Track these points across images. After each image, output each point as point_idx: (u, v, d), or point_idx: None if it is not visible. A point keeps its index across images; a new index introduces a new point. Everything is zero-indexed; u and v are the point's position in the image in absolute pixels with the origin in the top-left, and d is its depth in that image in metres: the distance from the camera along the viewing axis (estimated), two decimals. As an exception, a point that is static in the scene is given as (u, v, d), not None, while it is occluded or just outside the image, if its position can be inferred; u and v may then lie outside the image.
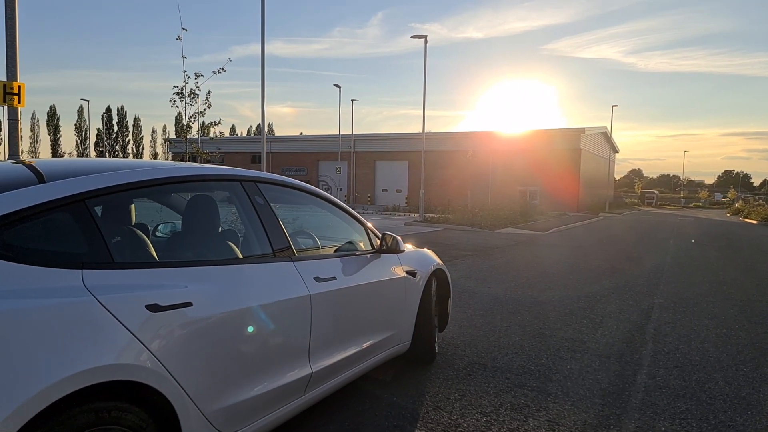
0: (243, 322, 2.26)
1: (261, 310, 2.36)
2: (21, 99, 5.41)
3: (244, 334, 2.26)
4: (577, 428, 3.00)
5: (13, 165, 2.35)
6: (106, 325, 1.72)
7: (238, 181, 2.64)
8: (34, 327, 1.55)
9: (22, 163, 2.41)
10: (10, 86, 5.31)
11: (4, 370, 1.44)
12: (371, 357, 3.28)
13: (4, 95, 5.34)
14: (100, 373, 1.64)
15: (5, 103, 5.40)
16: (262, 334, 2.37)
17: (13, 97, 5.32)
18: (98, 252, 1.86)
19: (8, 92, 5.31)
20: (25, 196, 1.77)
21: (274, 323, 2.44)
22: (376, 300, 3.33)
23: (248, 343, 2.29)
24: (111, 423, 1.69)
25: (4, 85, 5.32)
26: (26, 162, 2.45)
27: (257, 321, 2.34)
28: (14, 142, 5.53)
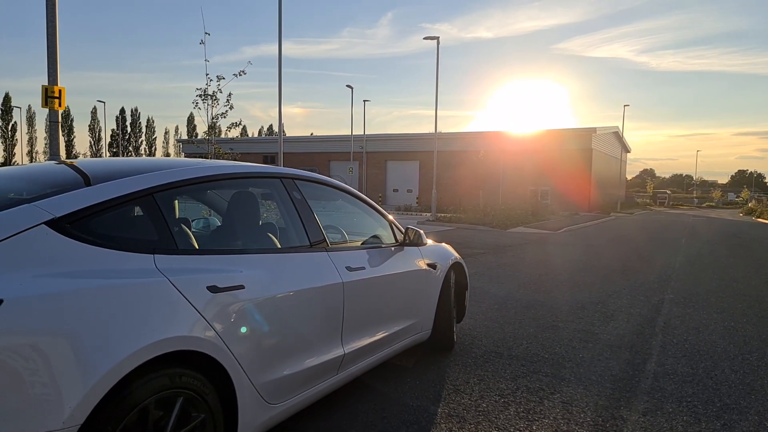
0: (286, 304, 2.51)
1: (301, 294, 2.60)
2: (62, 102, 5.73)
3: (287, 316, 2.51)
4: (589, 409, 3.21)
5: (69, 165, 2.61)
6: (177, 302, 1.97)
7: (279, 178, 2.90)
8: (123, 300, 1.80)
9: (66, 163, 2.66)
10: (52, 90, 5.63)
11: (103, 335, 1.70)
12: (395, 342, 3.52)
13: (45, 98, 5.66)
14: (174, 342, 1.89)
15: (47, 106, 5.73)
16: (302, 317, 2.62)
17: (54, 100, 5.64)
18: (165, 239, 2.12)
19: (50, 96, 5.63)
20: (105, 190, 2.03)
21: (312, 307, 2.69)
22: (400, 289, 3.56)
23: (290, 324, 2.54)
24: (181, 387, 1.94)
25: (46, 89, 5.64)
26: (70, 162, 2.69)
27: (298, 304, 2.59)
28: (55, 143, 5.85)
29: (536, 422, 3.02)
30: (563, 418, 3.09)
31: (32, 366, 1.55)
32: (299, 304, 2.59)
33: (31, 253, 1.71)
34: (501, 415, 3.11)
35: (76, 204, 1.90)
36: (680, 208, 52.20)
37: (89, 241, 1.86)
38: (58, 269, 1.73)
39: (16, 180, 2.41)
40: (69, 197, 1.92)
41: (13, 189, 2.22)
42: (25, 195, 2.08)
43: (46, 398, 1.56)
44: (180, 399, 1.94)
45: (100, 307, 1.74)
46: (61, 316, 1.64)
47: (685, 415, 3.16)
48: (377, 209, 3.69)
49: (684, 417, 3.14)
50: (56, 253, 1.77)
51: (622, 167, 48.64)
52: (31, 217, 1.77)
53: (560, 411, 3.18)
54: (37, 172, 2.55)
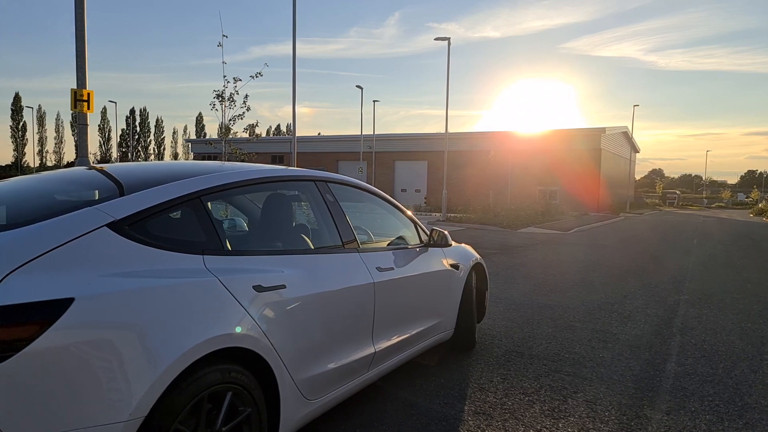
0: (323, 303, 2.59)
1: (337, 294, 2.69)
2: (90, 105, 5.85)
3: (323, 315, 2.59)
4: (613, 408, 3.27)
5: (107, 169, 2.70)
6: (227, 301, 2.06)
7: (313, 181, 2.98)
8: (180, 299, 1.89)
9: (97, 168, 2.75)
10: (81, 93, 5.75)
11: (164, 332, 1.79)
12: (421, 342, 3.59)
13: (75, 102, 5.79)
14: (226, 339, 1.98)
15: (76, 109, 5.85)
16: (338, 316, 2.70)
17: (83, 103, 5.76)
18: (212, 240, 2.21)
19: (79, 99, 5.76)
20: (157, 194, 2.12)
21: (346, 306, 2.77)
22: (425, 289, 3.64)
23: (327, 323, 2.62)
24: (230, 382, 2.03)
25: (75, 92, 5.76)
26: (100, 168, 2.78)
27: (334, 303, 2.67)
28: (84, 145, 5.97)
29: (562, 420, 3.09)
30: (588, 416, 3.15)
31: (101, 360, 1.65)
32: (335, 304, 2.67)
33: (95, 253, 1.80)
34: (527, 413, 3.18)
35: (133, 207, 1.99)
36: (690, 209, 51.91)
37: (145, 242, 1.95)
38: (119, 269, 1.82)
39: (67, 184, 2.51)
40: (127, 200, 2.01)
41: (68, 192, 2.32)
42: (81, 198, 2.18)
43: (113, 391, 1.65)
44: (229, 393, 2.03)
45: (160, 305, 1.83)
46: (125, 313, 1.73)
47: (707, 414, 3.21)
48: (402, 210, 3.77)
49: (707, 416, 3.19)
50: (116, 253, 1.86)
51: (631, 167, 48.43)
52: (94, 220, 1.86)
53: (585, 409, 3.24)
54: (83, 176, 2.65)
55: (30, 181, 2.63)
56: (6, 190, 2.46)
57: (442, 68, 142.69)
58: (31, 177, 2.77)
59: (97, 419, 1.61)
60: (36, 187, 2.49)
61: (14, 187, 2.54)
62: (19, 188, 2.50)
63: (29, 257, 1.64)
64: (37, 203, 2.24)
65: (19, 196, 2.34)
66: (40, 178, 2.69)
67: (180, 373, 1.80)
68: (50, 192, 2.41)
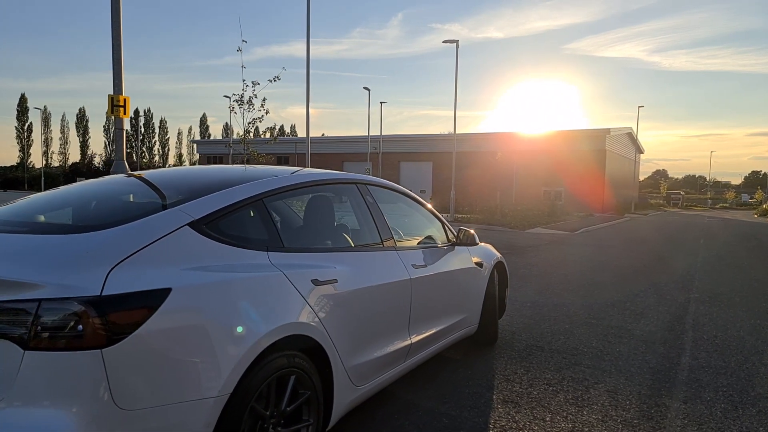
0: (368, 297, 2.80)
1: (380, 288, 2.90)
2: (126, 110, 6.08)
3: (368, 307, 2.80)
4: (633, 397, 3.47)
5: (156, 176, 2.92)
6: (291, 293, 2.27)
7: (354, 183, 3.19)
8: (254, 290, 2.11)
9: (135, 175, 2.96)
10: (117, 99, 5.98)
11: (244, 318, 2.00)
12: (450, 335, 3.80)
13: (111, 107, 6.01)
14: (292, 327, 2.19)
15: (112, 114, 6.08)
16: (380, 309, 2.91)
17: (119, 108, 5.99)
18: (274, 238, 2.42)
19: (115, 104, 5.98)
20: (227, 195, 2.33)
21: (388, 300, 2.98)
22: (454, 286, 3.85)
23: (371, 315, 2.82)
24: (294, 366, 2.23)
25: (112, 98, 5.99)
26: (138, 175, 2.98)
27: (377, 297, 2.88)
28: (120, 148, 6.20)
29: (586, 408, 3.29)
30: (610, 404, 3.35)
31: (194, 343, 1.86)
32: (378, 297, 2.88)
33: (180, 249, 2.01)
34: (552, 402, 3.38)
35: (209, 207, 2.20)
36: (694, 209, 51.96)
37: (219, 239, 2.16)
38: (200, 263, 2.03)
39: (138, 188, 2.72)
40: (203, 202, 2.22)
41: (140, 195, 2.54)
42: (153, 201, 2.39)
43: (205, 370, 1.86)
44: (293, 377, 2.24)
45: (239, 295, 2.04)
46: (211, 302, 1.94)
47: (722, 403, 3.41)
48: (432, 211, 3.98)
49: (722, 404, 3.39)
50: (197, 249, 2.07)
51: (635, 168, 48.53)
52: (177, 220, 2.08)
53: (607, 398, 3.44)
54: (156, 180, 2.86)
55: (100, 186, 2.85)
56: (81, 194, 2.68)
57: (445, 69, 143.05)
58: (98, 182, 2.99)
59: (194, 394, 1.82)
60: (108, 191, 2.71)
61: (86, 190, 2.76)
62: (93, 192, 2.72)
63: (128, 253, 1.85)
64: (118, 205, 2.45)
65: (98, 199, 2.55)
66: (107, 182, 2.91)
67: (256, 357, 2.01)
68: (124, 195, 2.63)
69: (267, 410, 2.13)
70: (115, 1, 5.94)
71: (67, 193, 2.77)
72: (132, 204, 2.46)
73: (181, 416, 1.79)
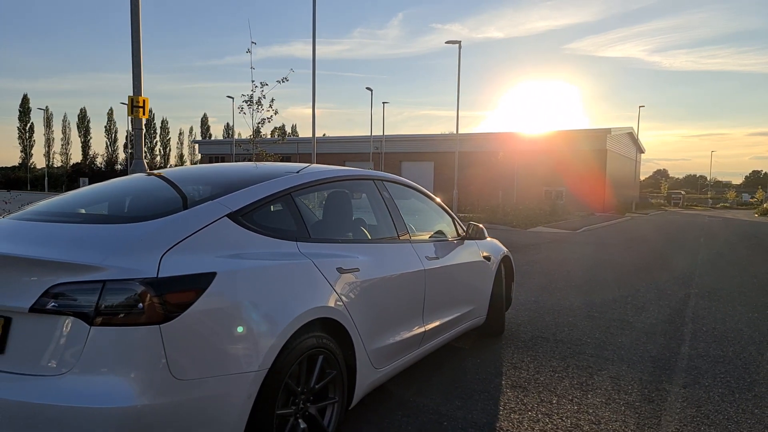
0: (387, 286, 2.98)
1: (397, 278, 3.08)
2: (145, 111, 6.27)
3: (387, 295, 2.98)
4: (635, 383, 3.65)
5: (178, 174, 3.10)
6: (319, 279, 2.45)
7: (372, 180, 3.38)
8: (287, 275, 2.29)
9: (155, 174, 3.14)
10: (137, 100, 6.17)
11: (279, 301, 2.19)
12: (460, 325, 3.98)
13: (132, 108, 6.21)
14: (321, 310, 2.38)
15: (132, 115, 6.27)
16: (397, 297, 3.09)
17: (138, 109, 6.18)
18: (302, 229, 2.60)
19: (135, 105, 6.18)
20: (259, 190, 2.51)
21: (404, 289, 3.16)
22: (463, 278, 4.03)
23: (389, 302, 3.01)
24: (322, 347, 2.41)
25: (132, 99, 6.18)
26: (156, 173, 3.17)
27: (395, 286, 3.06)
28: (139, 148, 6.39)
29: (591, 392, 3.48)
30: (613, 389, 3.53)
31: (237, 322, 2.04)
32: (396, 286, 3.07)
33: (219, 238, 2.20)
34: (558, 386, 3.56)
35: (244, 200, 2.39)
36: (695, 209, 52.12)
37: (253, 229, 2.35)
38: (237, 251, 2.21)
39: (176, 182, 2.92)
40: (239, 195, 2.41)
41: (180, 190, 2.73)
42: (189, 194, 2.58)
43: (247, 346, 2.05)
44: (321, 357, 2.42)
45: (274, 280, 2.23)
46: (251, 286, 2.13)
47: (720, 388, 3.59)
48: (443, 206, 4.16)
49: (719, 389, 3.57)
50: (234, 238, 2.25)
51: (636, 168, 48.70)
52: (217, 211, 2.26)
53: (610, 384, 3.63)
54: (184, 176, 3.05)
55: (132, 182, 3.04)
56: (118, 190, 2.87)
57: (446, 69, 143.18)
58: (128, 179, 3.18)
59: (237, 368, 2.00)
60: (143, 187, 2.90)
61: (122, 186, 2.96)
62: (129, 188, 2.91)
63: (176, 241, 2.03)
64: (159, 198, 2.64)
65: (137, 194, 2.75)
66: (138, 179, 3.10)
67: (290, 336, 2.19)
68: (160, 190, 2.82)
69: (298, 387, 2.31)
70: (135, 6, 6.13)
71: (104, 189, 2.96)
72: (172, 197, 2.65)
73: (226, 387, 1.97)
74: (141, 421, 1.77)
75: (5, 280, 1.89)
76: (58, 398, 1.74)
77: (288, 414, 2.27)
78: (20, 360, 1.83)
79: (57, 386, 1.76)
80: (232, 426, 2.00)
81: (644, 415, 3.14)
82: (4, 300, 1.86)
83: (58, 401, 1.73)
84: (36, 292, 1.81)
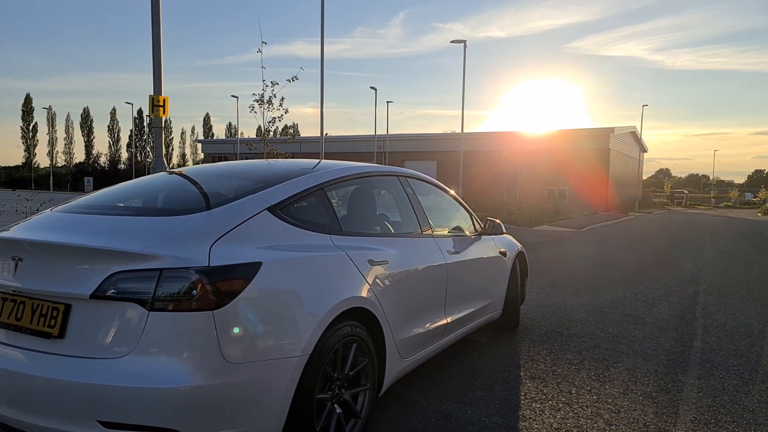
0: (413, 278, 3.08)
1: (422, 271, 3.18)
2: (165, 110, 6.37)
3: (413, 287, 3.07)
4: (651, 374, 3.74)
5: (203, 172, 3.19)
6: (352, 270, 2.55)
7: (396, 176, 3.48)
8: (324, 266, 2.39)
9: (176, 172, 3.24)
10: (157, 99, 6.28)
11: (319, 289, 2.29)
12: (478, 318, 4.07)
13: (152, 107, 6.31)
14: (355, 300, 2.47)
15: (153, 114, 6.37)
16: (422, 289, 3.19)
17: (159, 108, 6.28)
18: (334, 223, 2.70)
19: (156, 104, 6.28)
20: (295, 185, 2.61)
21: (428, 282, 3.26)
22: (482, 273, 4.12)
23: (415, 294, 3.10)
24: (356, 335, 2.51)
25: (152, 98, 6.29)
26: (179, 171, 3.26)
27: (420, 279, 3.16)
28: (159, 146, 6.50)
29: (608, 383, 3.57)
30: (630, 380, 3.63)
31: (281, 309, 2.14)
32: (421, 278, 3.16)
33: (261, 230, 2.29)
34: (576, 378, 3.65)
35: (282, 195, 2.48)
36: (698, 208, 52.18)
37: (291, 222, 2.44)
38: (277, 242, 2.31)
39: (213, 178, 3.02)
40: (277, 190, 2.50)
41: (214, 185, 2.82)
42: (229, 189, 2.68)
43: (291, 333, 2.14)
44: (354, 345, 2.52)
45: (313, 270, 2.33)
46: (292, 275, 2.23)
47: (734, 380, 3.68)
48: (461, 202, 4.26)
49: (733, 381, 3.66)
50: (274, 230, 2.35)
51: (639, 167, 48.72)
52: (257, 205, 2.36)
53: (626, 375, 3.72)
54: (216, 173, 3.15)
55: (166, 179, 3.14)
56: (154, 186, 2.97)
57: (447, 68, 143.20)
58: (161, 176, 3.28)
59: (281, 353, 2.10)
60: (178, 183, 2.99)
61: (157, 183, 3.06)
62: (164, 184, 3.01)
63: (222, 232, 2.13)
64: (200, 193, 2.74)
65: (174, 189, 2.85)
66: (171, 176, 3.20)
67: (329, 324, 2.29)
68: (196, 185, 2.91)
69: (335, 373, 2.41)
70: (155, 8, 6.22)
71: (141, 185, 3.06)
72: (212, 191, 2.74)
73: (272, 371, 2.07)
74: (197, 400, 1.87)
75: (65, 268, 1.99)
76: (119, 379, 1.83)
77: (325, 399, 2.37)
78: (81, 344, 1.93)
79: (117, 368, 1.86)
80: (277, 408, 2.09)
81: (662, 404, 3.23)
82: (64, 287, 1.96)
83: (119, 382, 1.83)
84: (96, 280, 1.91)
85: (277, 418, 2.10)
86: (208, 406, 1.90)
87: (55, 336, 1.95)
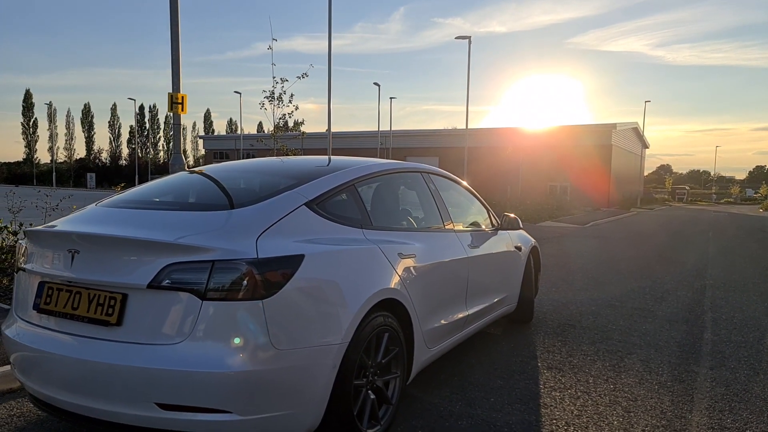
0: (438, 271, 3.18)
1: (446, 264, 3.28)
2: (184, 107, 6.47)
3: (438, 280, 3.18)
4: (664, 365, 3.86)
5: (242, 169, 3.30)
6: (384, 263, 2.65)
7: (419, 172, 3.58)
8: (359, 259, 2.50)
9: (198, 172, 3.33)
10: (176, 97, 6.38)
11: (356, 280, 2.39)
12: (495, 311, 4.18)
13: (171, 104, 6.41)
14: (388, 291, 2.58)
15: (171, 111, 6.47)
16: (446, 281, 3.29)
17: (177, 105, 6.39)
18: (365, 217, 2.80)
19: (174, 102, 6.38)
20: (328, 181, 2.71)
21: (451, 275, 3.36)
22: (499, 266, 4.23)
23: (440, 286, 3.21)
24: (388, 325, 2.61)
25: (171, 96, 6.39)
26: (198, 170, 3.35)
27: (444, 272, 3.26)
28: (177, 143, 6.60)
29: (623, 373, 3.68)
30: (644, 370, 3.74)
31: (322, 299, 2.25)
32: (445, 271, 3.27)
33: (299, 224, 2.40)
34: (592, 368, 3.76)
35: (318, 190, 2.59)
36: (699, 204, 52.27)
37: (326, 217, 2.55)
38: (316, 236, 2.41)
39: (251, 175, 3.13)
40: (313, 186, 2.61)
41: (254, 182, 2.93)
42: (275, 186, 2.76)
43: (332, 321, 2.25)
44: (386, 334, 2.62)
45: (349, 262, 2.44)
46: (332, 267, 2.33)
47: (745, 370, 3.79)
48: (479, 198, 4.36)
49: (744, 371, 3.77)
50: (312, 225, 2.45)
51: (641, 163, 48.77)
52: (296, 200, 2.46)
53: (641, 365, 3.83)
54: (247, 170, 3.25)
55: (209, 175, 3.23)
56: (195, 182, 3.08)
57: (448, 64, 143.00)
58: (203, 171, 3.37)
59: (323, 340, 2.21)
60: (220, 179, 3.09)
61: (194, 180, 3.16)
62: (201, 181, 3.12)
63: (266, 226, 2.24)
64: (242, 189, 2.85)
65: (217, 185, 2.94)
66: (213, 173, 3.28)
67: (365, 314, 2.40)
68: (232, 181, 3.02)
69: (369, 360, 2.52)
70: (174, 5, 6.30)
71: (179, 181, 3.16)
72: (251, 188, 2.84)
73: (315, 357, 2.18)
74: (248, 384, 1.98)
75: (122, 260, 2.10)
76: (175, 363, 1.94)
77: (361, 385, 2.48)
78: (138, 331, 2.04)
79: (174, 353, 1.97)
80: (320, 392, 2.21)
81: (677, 393, 3.34)
82: (122, 278, 2.07)
83: (176, 366, 1.94)
84: (152, 271, 2.01)
85: (320, 401, 2.22)
86: (258, 389, 2.01)
87: (113, 324, 2.06)
